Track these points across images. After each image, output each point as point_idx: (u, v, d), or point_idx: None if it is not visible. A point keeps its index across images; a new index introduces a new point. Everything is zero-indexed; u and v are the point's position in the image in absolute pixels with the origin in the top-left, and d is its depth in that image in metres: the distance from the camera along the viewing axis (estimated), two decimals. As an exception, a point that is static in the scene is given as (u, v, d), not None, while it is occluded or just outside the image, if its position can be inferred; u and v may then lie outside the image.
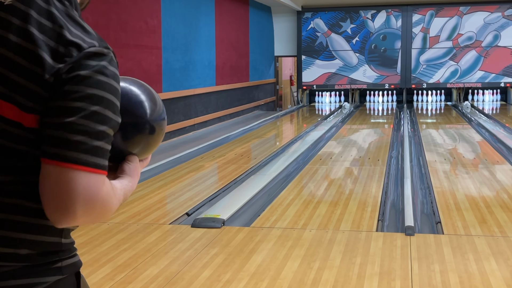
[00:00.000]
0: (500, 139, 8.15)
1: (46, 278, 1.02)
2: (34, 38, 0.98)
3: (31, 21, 1.00)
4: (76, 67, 0.97)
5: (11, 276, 0.99)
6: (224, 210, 4.47)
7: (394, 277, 3.13)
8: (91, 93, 0.97)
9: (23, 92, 0.97)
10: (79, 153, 0.95)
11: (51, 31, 1.00)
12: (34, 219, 1.01)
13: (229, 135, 9.10)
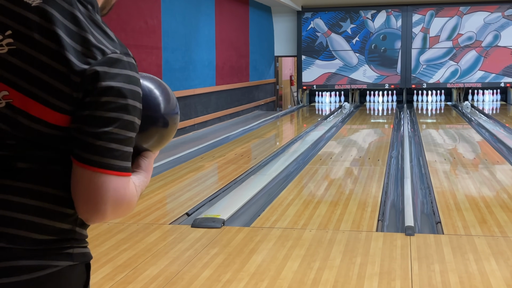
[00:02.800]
0: (500, 139, 8.15)
1: (57, 262, 1.06)
2: (60, 40, 1.04)
3: (57, 23, 1.05)
4: (105, 76, 1.03)
5: (22, 257, 1.03)
6: (224, 210, 4.47)
7: (394, 277, 3.13)
8: (124, 103, 1.05)
9: (49, 91, 1.03)
10: (112, 159, 1.04)
11: (76, 34, 1.06)
12: (51, 205, 1.06)
13: (229, 135, 9.10)
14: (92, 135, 1.03)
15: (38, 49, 1.04)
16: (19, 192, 1.05)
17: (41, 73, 1.04)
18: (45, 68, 1.04)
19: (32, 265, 1.04)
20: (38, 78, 1.04)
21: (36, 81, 1.03)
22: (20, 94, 1.04)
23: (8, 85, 1.05)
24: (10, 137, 1.05)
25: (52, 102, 1.04)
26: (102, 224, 4.24)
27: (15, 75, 1.04)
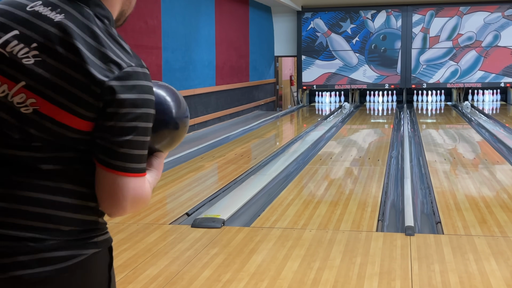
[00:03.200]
0: (500, 139, 8.15)
1: (85, 250, 1.21)
2: (80, 53, 1.15)
3: (77, 38, 1.16)
4: (122, 89, 1.16)
5: (55, 249, 1.16)
6: (224, 210, 4.47)
7: (394, 277, 3.13)
8: (141, 112, 1.18)
9: (73, 100, 1.15)
10: (132, 163, 1.18)
11: (94, 48, 1.17)
12: (77, 200, 1.20)
13: (229, 135, 9.10)
14: (115, 143, 1.16)
15: (61, 61, 1.15)
16: (46, 190, 1.17)
17: (65, 83, 1.15)
18: (69, 78, 1.15)
19: (64, 255, 1.17)
20: (63, 87, 1.15)
21: (61, 90, 1.15)
22: (47, 102, 1.15)
23: (34, 93, 1.15)
24: (36, 140, 1.16)
25: (76, 110, 1.15)
26: (102, 224, 4.24)
27: (41, 84, 1.15)
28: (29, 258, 1.16)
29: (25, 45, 1.17)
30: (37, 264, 1.16)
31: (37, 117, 1.16)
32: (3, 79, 1.17)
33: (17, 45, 1.18)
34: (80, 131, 1.17)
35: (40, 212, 1.17)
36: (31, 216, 1.16)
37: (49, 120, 1.16)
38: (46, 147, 1.17)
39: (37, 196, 1.17)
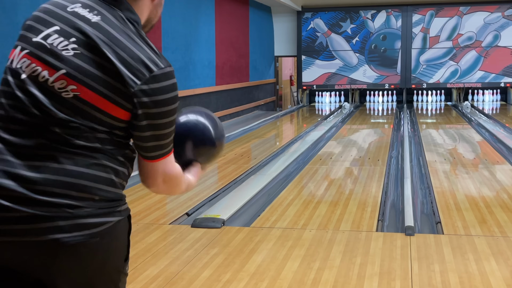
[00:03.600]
0: (500, 139, 8.15)
1: (112, 218, 1.38)
2: (115, 54, 1.33)
3: (112, 38, 1.34)
4: (152, 91, 1.35)
5: (88, 216, 1.33)
6: (224, 210, 4.47)
7: (394, 277, 3.13)
8: (170, 109, 1.39)
9: (111, 89, 1.32)
10: (163, 150, 1.42)
11: (128, 49, 1.33)
12: (108, 174, 1.37)
13: (229, 135, 9.10)
14: (151, 139, 1.39)
15: (98, 56, 1.32)
16: (82, 164, 1.34)
17: (103, 74, 1.32)
18: (106, 70, 1.32)
19: (95, 222, 1.35)
20: (101, 78, 1.32)
21: (99, 80, 1.32)
22: (87, 89, 1.32)
23: (74, 81, 1.32)
24: (75, 121, 1.33)
25: (114, 99, 1.33)
26: (102, 224, 4.24)
27: (81, 73, 1.32)
28: (67, 223, 1.32)
29: (64, 39, 1.34)
30: (73, 229, 1.32)
31: (77, 102, 1.33)
32: (44, 66, 1.33)
33: (57, 38, 1.34)
34: (115, 118, 1.36)
35: (76, 182, 1.33)
36: (68, 186, 1.32)
37: (88, 105, 1.33)
38: (84, 127, 1.33)
39: (73, 169, 1.33)
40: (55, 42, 1.34)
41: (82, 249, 1.34)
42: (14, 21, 5.38)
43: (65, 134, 1.33)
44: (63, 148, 1.33)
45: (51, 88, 1.32)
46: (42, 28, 1.36)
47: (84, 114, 1.33)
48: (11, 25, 5.35)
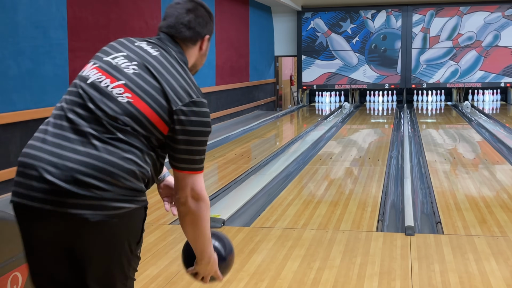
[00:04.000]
0: (500, 139, 8.14)
1: (131, 205, 1.64)
2: (165, 79, 1.70)
3: (165, 68, 1.73)
4: (190, 112, 1.68)
5: (112, 199, 1.60)
6: (224, 210, 4.47)
7: (394, 277, 3.13)
8: (203, 130, 1.70)
9: (157, 103, 1.67)
10: (195, 165, 1.71)
11: (176, 78, 1.72)
12: (135, 168, 1.64)
13: (229, 135, 9.10)
14: (180, 152, 1.70)
15: (152, 77, 1.70)
16: (116, 155, 1.62)
17: (153, 91, 1.68)
18: (156, 89, 1.68)
19: (117, 205, 1.61)
20: (151, 93, 1.67)
21: (150, 95, 1.67)
22: (139, 99, 1.66)
23: (130, 90, 1.68)
24: (122, 120, 1.64)
25: (158, 111, 1.66)
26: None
27: (136, 87, 1.68)
28: (93, 203, 1.59)
29: (128, 61, 1.74)
30: (97, 208, 1.59)
31: (129, 106, 1.66)
32: (108, 76, 1.70)
33: (122, 60, 1.74)
34: (156, 128, 1.67)
35: (107, 169, 1.60)
36: (101, 170, 1.60)
37: (137, 111, 1.65)
38: (128, 127, 1.65)
39: (108, 158, 1.61)
40: (119, 62, 1.74)
41: (103, 226, 1.61)
42: (14, 21, 5.38)
43: (112, 128, 1.64)
44: (106, 139, 1.63)
45: (110, 92, 1.67)
46: (112, 52, 1.79)
47: (133, 116, 1.66)
48: (11, 25, 5.35)
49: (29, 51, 5.59)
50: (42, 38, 5.76)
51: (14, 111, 5.41)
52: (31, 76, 5.64)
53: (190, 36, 1.86)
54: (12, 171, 5.38)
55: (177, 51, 1.82)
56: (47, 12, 5.82)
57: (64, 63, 6.13)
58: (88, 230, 1.61)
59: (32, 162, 1.63)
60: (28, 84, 5.60)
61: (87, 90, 1.68)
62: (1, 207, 5.10)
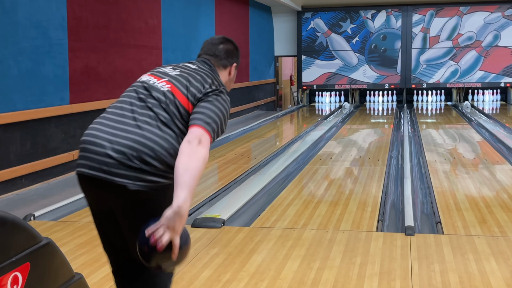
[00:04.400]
0: (500, 139, 8.15)
1: (165, 180, 2.01)
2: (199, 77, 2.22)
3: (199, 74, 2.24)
4: (210, 91, 2.17)
5: (151, 174, 1.98)
6: (224, 210, 4.47)
7: (394, 277, 3.13)
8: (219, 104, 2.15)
9: (188, 91, 2.15)
10: (207, 125, 2.04)
11: (203, 78, 2.22)
12: (171, 147, 2.03)
13: (229, 135, 9.11)
14: (200, 111, 2.09)
15: (185, 79, 2.19)
16: (157, 135, 2.03)
17: (187, 83, 2.17)
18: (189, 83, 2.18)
19: (153, 179, 1.99)
20: (186, 85, 2.16)
21: (185, 86, 2.16)
22: (175, 88, 2.15)
23: (170, 83, 2.17)
24: (164, 104, 2.10)
25: (188, 98, 2.13)
26: (102, 224, 4.24)
27: (175, 81, 2.18)
28: (133, 174, 1.97)
29: (172, 69, 2.27)
30: (137, 180, 1.98)
31: (168, 93, 2.14)
32: (156, 77, 2.22)
33: (169, 69, 2.28)
34: (184, 108, 2.11)
35: (149, 145, 2.00)
36: (144, 145, 2.00)
37: (172, 95, 2.13)
38: (169, 110, 2.09)
39: (151, 136, 2.02)
40: (166, 70, 2.28)
41: (140, 195, 1.98)
42: (14, 21, 5.38)
43: (159, 110, 2.09)
44: (152, 121, 2.06)
45: (156, 86, 2.18)
46: (164, 66, 2.34)
47: (170, 100, 2.12)
48: (11, 25, 5.35)
49: (29, 51, 5.59)
50: (42, 38, 5.77)
51: (14, 111, 5.41)
52: (31, 76, 5.64)
53: (222, 62, 2.38)
54: (12, 171, 5.38)
55: (211, 69, 2.34)
56: (47, 12, 5.82)
57: (64, 63, 6.13)
58: (126, 197, 1.99)
59: (91, 139, 2.06)
60: (28, 84, 5.60)
61: (140, 86, 2.20)
62: (2, 207, 5.10)
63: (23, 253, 1.68)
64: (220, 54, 2.38)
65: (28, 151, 5.59)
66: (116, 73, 7.22)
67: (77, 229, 4.16)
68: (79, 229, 4.16)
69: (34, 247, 1.73)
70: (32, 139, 5.66)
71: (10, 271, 1.67)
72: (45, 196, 5.29)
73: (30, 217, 4.40)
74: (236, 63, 2.44)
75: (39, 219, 4.44)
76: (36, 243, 1.74)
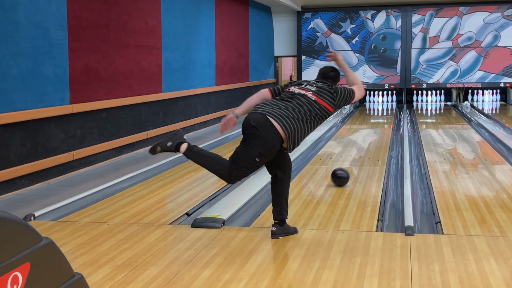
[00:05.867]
0: (499, 139, 8.15)
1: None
2: (330, 92, 3.89)
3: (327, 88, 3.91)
4: (340, 95, 3.89)
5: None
6: (224, 210, 4.47)
7: (394, 277, 3.13)
8: (348, 93, 3.95)
9: (329, 99, 3.84)
10: (351, 95, 3.95)
11: (331, 91, 3.89)
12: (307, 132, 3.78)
13: (229, 135, 9.11)
14: (342, 97, 3.90)
15: (321, 92, 3.85)
16: (301, 126, 3.69)
17: (326, 95, 3.83)
18: (329, 93, 3.85)
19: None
20: (325, 96, 3.82)
21: (325, 96, 3.83)
22: (319, 98, 3.79)
23: (314, 95, 3.80)
24: (312, 109, 3.74)
25: (330, 102, 3.82)
26: (102, 224, 4.25)
27: (317, 93, 3.81)
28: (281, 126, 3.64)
29: (310, 86, 3.88)
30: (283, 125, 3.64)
31: (314, 102, 3.76)
32: (305, 91, 3.82)
33: (307, 85, 3.90)
34: (329, 111, 3.82)
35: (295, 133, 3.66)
36: (287, 120, 3.65)
37: (318, 104, 3.76)
38: (313, 113, 3.74)
39: (294, 124, 3.64)
40: (307, 86, 3.86)
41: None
42: (14, 21, 5.38)
43: (306, 110, 3.69)
44: (301, 116, 3.66)
45: (307, 96, 3.76)
46: (303, 83, 3.93)
47: (317, 107, 3.74)
48: (11, 25, 5.36)
49: (29, 51, 5.59)
50: (42, 38, 5.77)
51: (14, 111, 5.41)
52: (31, 76, 5.64)
53: (332, 80, 4.02)
54: (12, 171, 5.38)
55: (328, 84, 3.91)
56: (47, 12, 5.82)
57: (64, 63, 6.14)
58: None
59: (257, 110, 3.68)
60: (28, 84, 5.60)
61: (294, 95, 3.77)
62: (2, 207, 5.11)
63: (23, 253, 1.68)
64: (329, 77, 4.02)
65: (28, 151, 5.59)
66: (116, 73, 7.22)
67: (77, 229, 4.16)
68: (79, 229, 4.16)
69: (34, 247, 1.73)
70: (32, 139, 5.66)
71: (10, 271, 1.67)
72: (45, 196, 5.30)
73: (30, 217, 4.40)
74: (338, 81, 4.08)
75: (39, 219, 4.44)
76: (36, 243, 1.74)
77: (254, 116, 3.62)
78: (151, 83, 8.24)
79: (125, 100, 7.42)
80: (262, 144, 3.58)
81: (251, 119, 3.60)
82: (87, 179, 6.03)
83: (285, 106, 3.68)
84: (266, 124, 3.57)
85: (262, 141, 3.57)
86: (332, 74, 4.00)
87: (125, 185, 5.62)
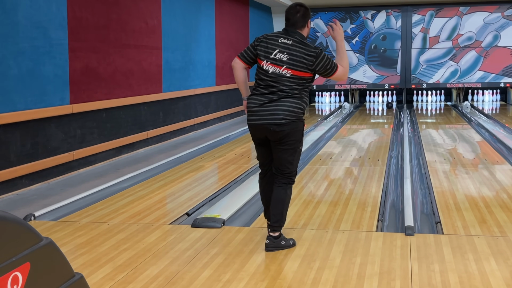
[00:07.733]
0: (500, 139, 8.15)
1: (297, 120, 3.72)
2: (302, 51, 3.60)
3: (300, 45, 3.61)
4: (319, 59, 3.58)
5: (285, 123, 3.65)
6: (224, 210, 4.48)
7: (394, 277, 3.13)
8: (327, 60, 3.62)
9: (304, 67, 3.57)
10: (331, 71, 3.67)
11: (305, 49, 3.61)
12: (298, 106, 3.63)
13: (229, 135, 9.11)
14: (323, 70, 3.62)
15: (295, 56, 3.56)
16: (288, 102, 3.59)
17: (299, 63, 3.56)
18: (299, 61, 3.56)
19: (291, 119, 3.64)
20: (298, 64, 3.56)
21: (299, 65, 3.56)
22: (295, 70, 3.56)
23: (289, 69, 3.56)
24: (290, 83, 3.58)
25: (304, 71, 3.57)
26: (102, 224, 4.25)
27: (292, 65, 3.56)
28: (282, 117, 3.58)
29: (282, 54, 3.59)
30: (283, 119, 3.60)
31: (290, 76, 3.56)
32: (277, 66, 3.58)
33: (279, 54, 3.59)
34: (307, 77, 3.59)
35: (286, 108, 3.56)
36: (282, 108, 3.57)
37: (296, 76, 3.56)
38: (293, 85, 3.56)
39: (284, 103, 3.57)
40: (277, 55, 3.59)
41: (284, 126, 3.62)
42: (14, 21, 5.38)
43: (285, 89, 3.56)
44: (281, 94, 3.56)
45: (280, 74, 3.56)
46: (271, 51, 3.65)
47: (294, 79, 3.56)
48: (11, 25, 5.36)
49: (29, 51, 5.60)
50: (42, 38, 5.77)
51: (14, 111, 5.41)
52: (31, 76, 5.64)
53: (302, 24, 3.64)
54: (12, 171, 5.38)
55: (299, 35, 3.62)
56: (47, 12, 5.82)
57: (64, 63, 6.14)
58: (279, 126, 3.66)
59: (257, 119, 3.69)
60: (28, 84, 5.60)
61: (268, 75, 3.60)
62: (2, 207, 5.10)
63: (23, 253, 1.68)
64: (299, 21, 3.64)
65: (28, 151, 5.59)
66: (116, 73, 7.22)
67: (77, 229, 4.16)
68: (79, 229, 4.16)
69: (34, 247, 1.73)
70: (32, 139, 5.66)
71: (10, 271, 1.67)
72: (45, 196, 5.30)
73: (30, 217, 4.40)
74: (310, 20, 3.70)
75: (39, 219, 4.44)
76: (36, 243, 1.74)
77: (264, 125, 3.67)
78: (151, 83, 8.24)
79: (125, 100, 7.42)
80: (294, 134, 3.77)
81: (269, 126, 3.65)
82: (87, 179, 6.03)
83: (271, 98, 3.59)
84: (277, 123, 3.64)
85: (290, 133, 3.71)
86: (299, 17, 3.61)
87: (125, 185, 5.62)
